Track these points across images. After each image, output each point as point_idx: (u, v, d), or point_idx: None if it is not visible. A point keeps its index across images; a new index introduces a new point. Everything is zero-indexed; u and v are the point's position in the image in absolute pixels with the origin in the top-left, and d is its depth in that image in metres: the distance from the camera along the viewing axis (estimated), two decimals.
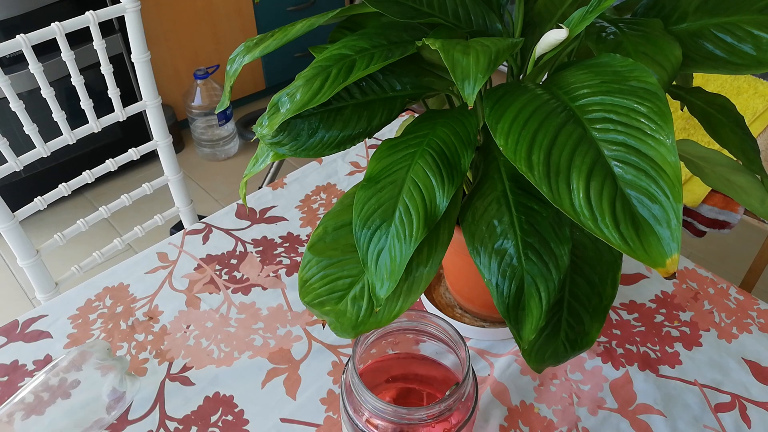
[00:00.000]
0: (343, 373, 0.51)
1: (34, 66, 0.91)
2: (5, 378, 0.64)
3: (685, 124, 1.22)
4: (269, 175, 1.76)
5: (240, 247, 0.80)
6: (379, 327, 0.47)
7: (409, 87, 0.50)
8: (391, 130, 0.96)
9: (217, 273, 0.76)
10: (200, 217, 0.99)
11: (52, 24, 0.90)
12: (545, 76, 0.46)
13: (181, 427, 0.60)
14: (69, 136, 1.02)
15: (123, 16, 0.98)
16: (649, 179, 0.33)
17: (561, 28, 0.39)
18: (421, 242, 0.42)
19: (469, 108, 0.43)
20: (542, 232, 0.43)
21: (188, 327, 0.70)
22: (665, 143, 0.33)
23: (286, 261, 0.78)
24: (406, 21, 0.48)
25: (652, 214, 0.33)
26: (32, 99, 1.10)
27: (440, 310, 0.69)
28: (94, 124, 1.05)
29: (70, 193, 1.05)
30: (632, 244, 0.32)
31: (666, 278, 0.33)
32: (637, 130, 0.34)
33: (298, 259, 0.78)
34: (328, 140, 0.46)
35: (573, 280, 0.47)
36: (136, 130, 2.01)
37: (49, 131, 1.04)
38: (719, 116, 0.50)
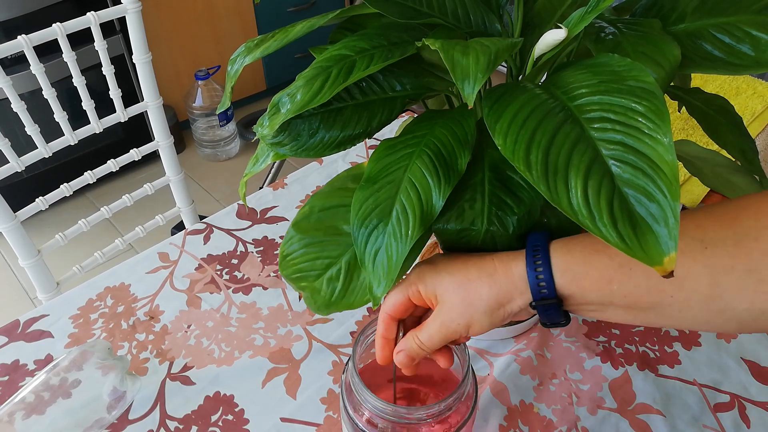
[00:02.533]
0: (343, 373, 0.51)
1: (36, 67, 0.91)
2: (6, 377, 0.65)
3: (683, 125, 1.22)
4: (270, 175, 1.77)
5: (241, 247, 0.80)
6: (350, 309, 0.48)
7: (409, 87, 0.50)
8: (391, 131, 0.96)
9: (218, 273, 0.76)
10: (201, 217, 0.99)
11: (54, 25, 0.91)
12: (544, 77, 0.46)
13: (181, 426, 0.60)
14: (70, 137, 1.02)
15: (124, 17, 0.99)
16: (646, 178, 0.33)
17: (560, 28, 0.39)
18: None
19: (469, 108, 0.43)
20: (508, 227, 0.44)
21: (189, 327, 0.70)
22: (663, 142, 0.33)
23: None
24: (405, 21, 0.48)
25: (649, 213, 0.33)
26: (34, 100, 1.10)
27: None
28: (96, 125, 1.05)
29: (71, 193, 1.06)
30: (630, 242, 0.33)
31: (664, 277, 0.33)
32: (634, 129, 0.34)
33: None
34: (329, 140, 0.47)
35: None
36: (137, 130, 2.01)
37: (51, 132, 1.04)
38: (718, 117, 0.50)
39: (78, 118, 1.10)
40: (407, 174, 0.43)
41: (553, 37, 0.40)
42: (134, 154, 1.13)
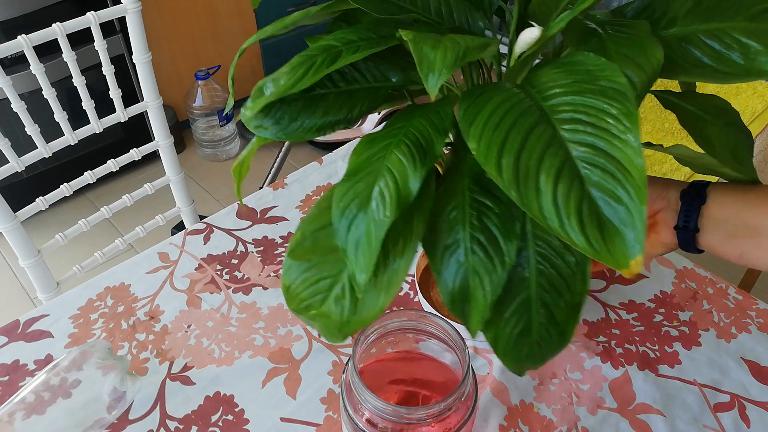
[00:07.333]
0: (343, 373, 0.51)
1: (36, 67, 0.91)
2: (6, 377, 0.65)
3: (681, 126, 1.23)
4: (270, 175, 1.77)
5: (241, 247, 0.80)
6: (364, 326, 0.46)
7: (393, 79, 0.50)
8: None
9: (218, 273, 0.77)
10: (201, 217, 0.99)
11: (54, 25, 0.91)
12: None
13: (181, 426, 0.60)
14: (70, 137, 1.02)
15: (124, 17, 0.99)
16: (615, 181, 0.33)
17: (533, 26, 0.40)
18: (396, 233, 0.42)
19: (432, 101, 0.43)
20: (491, 229, 0.43)
21: (189, 326, 0.70)
22: (632, 144, 0.33)
23: None
24: (386, 17, 0.48)
25: (617, 216, 0.33)
26: (34, 99, 1.10)
27: (439, 310, 0.69)
28: (96, 125, 1.05)
29: (71, 193, 1.06)
30: (597, 245, 0.32)
31: (629, 278, 0.33)
32: (605, 132, 0.34)
33: None
34: (309, 125, 0.47)
35: (542, 273, 0.46)
36: (137, 130, 2.01)
37: (51, 132, 1.04)
38: (712, 120, 0.50)
39: (78, 118, 1.10)
40: (385, 163, 0.43)
41: (529, 35, 0.40)
42: (134, 154, 1.13)
